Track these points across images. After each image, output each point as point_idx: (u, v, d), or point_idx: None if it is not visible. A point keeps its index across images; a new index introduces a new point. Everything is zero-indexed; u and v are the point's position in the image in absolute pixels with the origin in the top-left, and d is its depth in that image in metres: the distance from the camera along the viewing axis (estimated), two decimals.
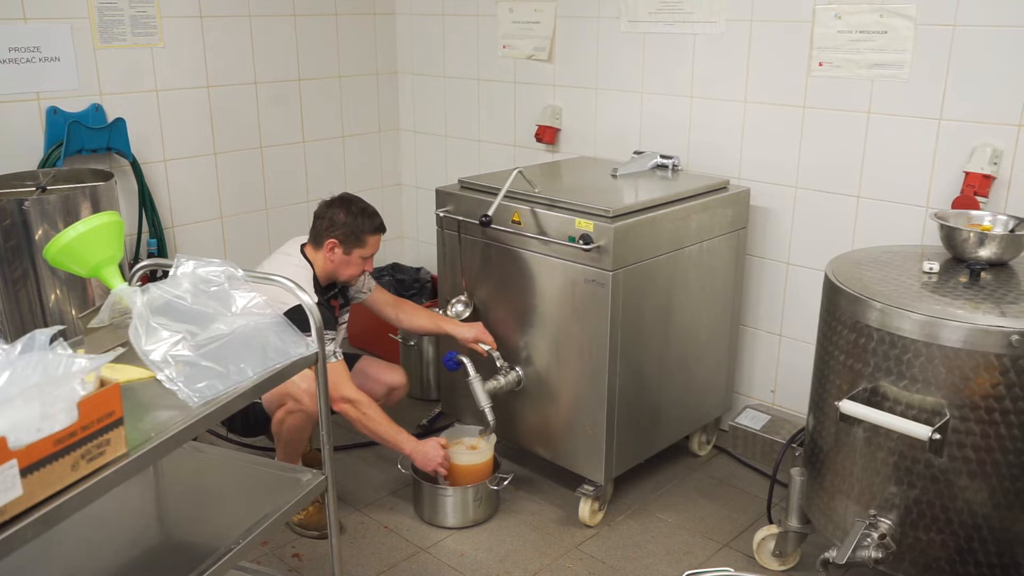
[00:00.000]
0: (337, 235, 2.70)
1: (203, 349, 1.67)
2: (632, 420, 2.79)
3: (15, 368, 1.35)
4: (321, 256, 2.73)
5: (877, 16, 2.70)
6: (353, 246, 2.71)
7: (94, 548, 1.79)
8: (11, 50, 3.01)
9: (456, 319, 2.93)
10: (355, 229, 2.70)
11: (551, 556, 2.69)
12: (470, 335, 2.87)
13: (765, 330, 3.22)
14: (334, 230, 2.70)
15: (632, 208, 2.65)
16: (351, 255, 2.72)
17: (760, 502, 2.89)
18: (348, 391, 2.63)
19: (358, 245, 2.72)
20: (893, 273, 2.25)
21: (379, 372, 2.99)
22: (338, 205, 2.74)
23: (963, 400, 1.96)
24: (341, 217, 2.70)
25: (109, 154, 3.27)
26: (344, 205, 2.73)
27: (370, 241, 2.74)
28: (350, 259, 2.73)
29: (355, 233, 2.70)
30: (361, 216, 2.72)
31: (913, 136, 2.71)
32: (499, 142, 3.90)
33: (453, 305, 2.94)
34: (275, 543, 2.73)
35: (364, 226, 2.71)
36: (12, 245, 2.77)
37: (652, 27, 3.24)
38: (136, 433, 1.47)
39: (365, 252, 2.74)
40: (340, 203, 2.74)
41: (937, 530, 2.06)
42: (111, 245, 1.88)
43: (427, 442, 2.77)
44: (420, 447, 2.75)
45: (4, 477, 1.20)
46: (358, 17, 4.04)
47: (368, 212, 2.75)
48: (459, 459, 2.83)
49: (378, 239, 2.77)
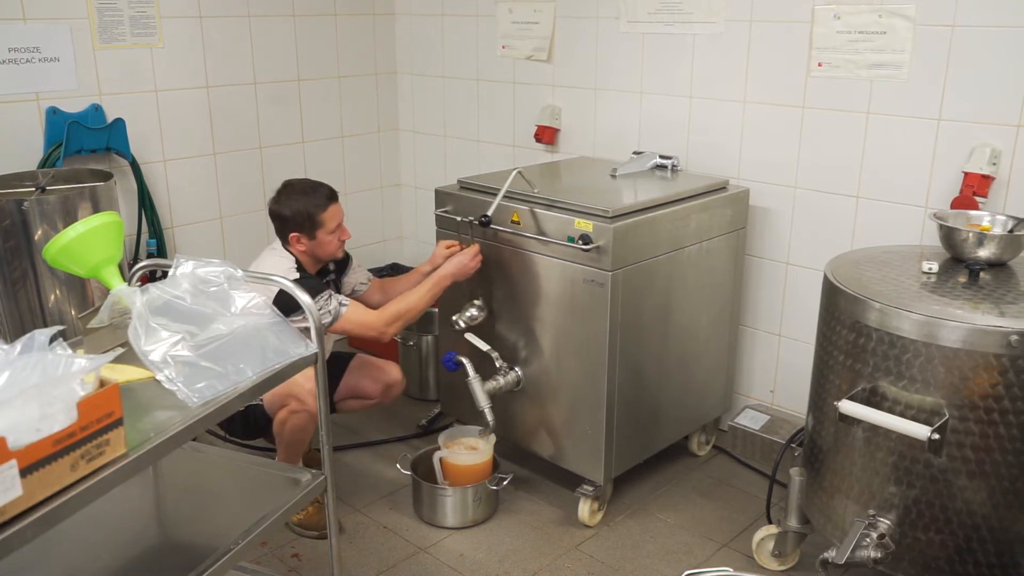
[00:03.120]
0: (294, 228, 2.69)
1: (202, 349, 1.67)
2: (631, 420, 2.80)
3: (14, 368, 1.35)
4: (295, 249, 2.74)
5: (876, 16, 2.70)
6: (316, 229, 2.70)
7: (93, 548, 1.79)
8: (11, 50, 3.01)
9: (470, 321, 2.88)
10: (305, 214, 2.68)
11: (550, 556, 2.69)
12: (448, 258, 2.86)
13: (764, 330, 3.22)
14: (288, 225, 2.70)
15: (631, 208, 2.65)
16: (316, 237, 2.71)
17: (759, 502, 2.89)
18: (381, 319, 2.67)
19: (319, 226, 2.70)
20: (892, 273, 2.25)
21: (375, 370, 2.99)
22: (281, 199, 2.72)
23: (962, 400, 1.96)
24: (288, 211, 2.69)
25: (108, 154, 3.27)
26: (286, 197, 2.71)
27: (325, 216, 2.70)
28: (319, 240, 2.72)
29: (308, 217, 2.68)
30: (304, 199, 2.69)
31: (912, 136, 2.71)
32: (498, 142, 3.90)
33: (467, 309, 2.89)
34: (274, 543, 2.73)
35: (311, 206, 2.68)
36: (11, 245, 2.77)
37: (651, 27, 3.24)
38: (135, 433, 1.47)
39: (330, 226, 2.71)
40: (282, 196, 2.72)
41: (936, 530, 2.06)
42: (110, 245, 1.88)
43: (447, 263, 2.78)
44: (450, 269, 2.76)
45: (3, 477, 1.20)
46: (357, 17, 4.04)
47: (307, 190, 2.71)
48: (458, 459, 2.83)
49: (335, 208, 2.72)
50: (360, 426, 3.44)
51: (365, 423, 3.45)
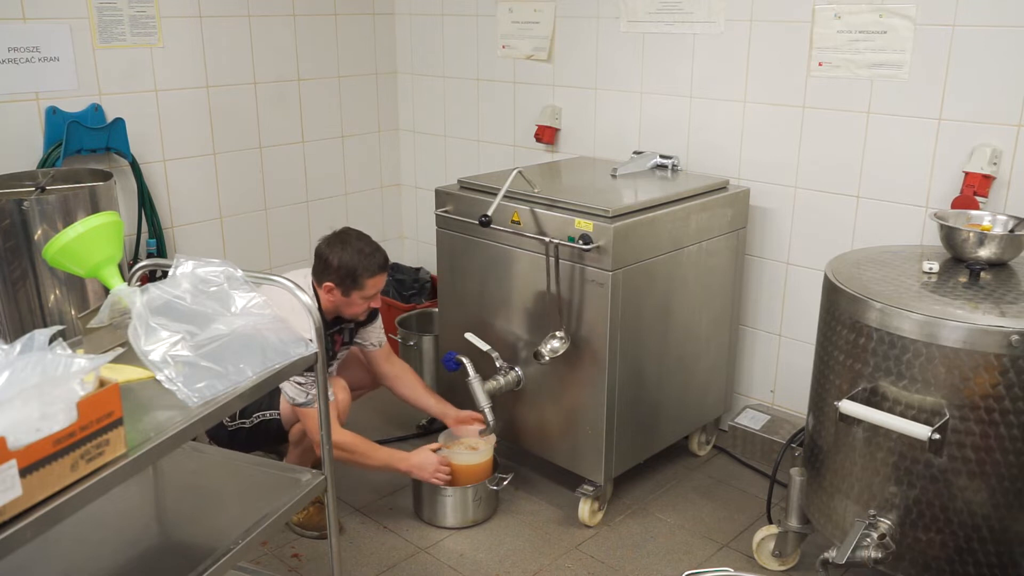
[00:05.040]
0: (333, 279, 2.58)
1: (202, 349, 1.67)
2: (632, 420, 2.79)
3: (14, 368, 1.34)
4: (322, 295, 2.63)
5: (876, 16, 2.70)
6: (351, 288, 2.59)
7: (93, 548, 1.79)
8: (10, 50, 3.00)
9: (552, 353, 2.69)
10: (351, 272, 2.57)
11: (551, 556, 2.69)
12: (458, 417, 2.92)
13: (765, 330, 3.22)
14: (329, 273, 2.58)
15: (632, 208, 2.65)
16: (351, 296, 2.61)
17: (759, 502, 2.89)
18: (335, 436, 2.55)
19: (356, 287, 2.59)
20: (893, 273, 2.25)
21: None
22: (335, 245, 2.60)
23: (963, 400, 1.96)
24: (335, 261, 2.57)
25: (108, 154, 3.26)
26: (341, 246, 2.59)
27: (369, 283, 2.60)
28: (351, 300, 2.62)
29: (351, 276, 2.57)
30: (358, 257, 2.57)
31: (913, 136, 2.71)
32: (498, 142, 3.90)
33: (548, 341, 2.69)
34: (274, 543, 2.73)
35: (361, 269, 2.57)
36: (11, 245, 2.77)
37: (651, 27, 3.24)
38: (135, 433, 1.47)
39: (365, 293, 2.61)
40: (337, 243, 2.60)
41: (937, 530, 2.06)
42: (110, 245, 1.88)
43: (418, 453, 2.77)
44: (414, 460, 2.75)
45: (3, 477, 1.20)
46: (357, 17, 4.04)
47: (365, 252, 2.59)
48: (458, 459, 2.83)
49: (379, 279, 2.63)
50: (360, 426, 3.43)
51: (364, 423, 3.45)
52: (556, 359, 2.71)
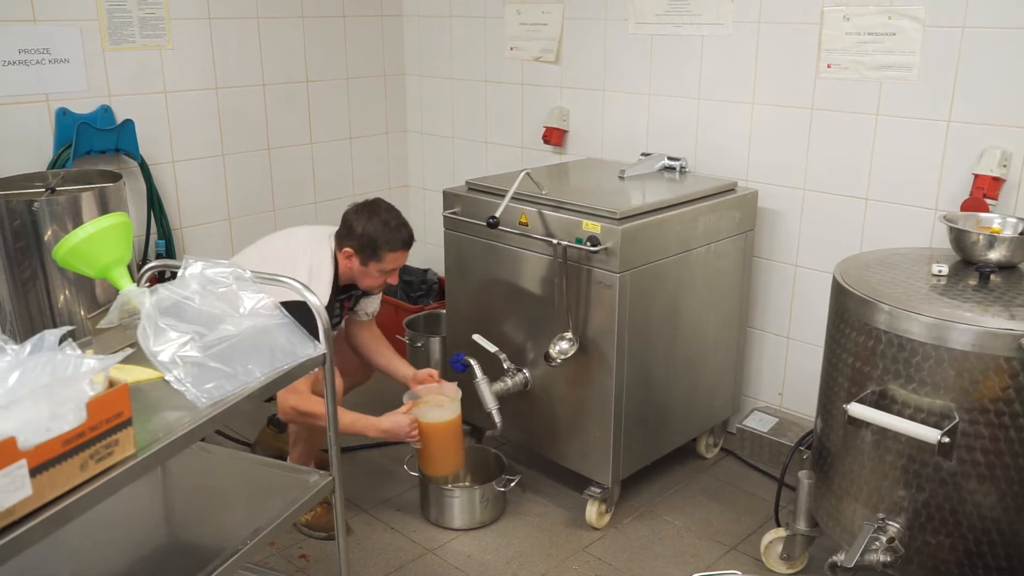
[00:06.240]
0: (353, 245, 2.57)
1: (211, 350, 1.68)
2: (639, 422, 2.79)
3: (25, 368, 1.35)
4: (341, 259, 2.62)
5: (885, 18, 2.69)
6: (369, 259, 2.58)
7: (101, 548, 1.80)
8: (21, 52, 3.02)
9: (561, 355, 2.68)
10: (372, 243, 2.55)
11: (558, 558, 2.69)
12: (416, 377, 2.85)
13: (773, 332, 3.21)
14: (351, 239, 2.57)
15: (640, 210, 2.65)
16: (367, 267, 2.59)
17: (767, 505, 2.88)
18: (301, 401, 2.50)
19: (374, 259, 2.58)
20: (902, 276, 2.24)
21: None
22: (363, 213, 2.58)
23: (972, 403, 1.95)
24: (359, 228, 2.55)
25: (118, 155, 3.28)
26: (368, 214, 2.57)
27: (389, 257, 2.58)
28: (367, 270, 2.60)
29: (372, 246, 2.56)
30: (382, 229, 2.55)
31: (922, 138, 2.70)
32: (506, 144, 3.90)
33: (557, 343, 2.69)
34: (282, 544, 2.73)
35: (382, 241, 2.55)
36: (21, 246, 2.78)
37: (660, 29, 3.24)
38: (144, 434, 1.47)
39: (384, 267, 2.60)
40: (365, 211, 2.59)
41: (946, 534, 2.05)
42: (120, 246, 1.88)
43: (388, 417, 2.65)
44: (386, 425, 2.64)
45: (13, 477, 1.20)
46: (365, 19, 4.05)
47: (391, 226, 2.57)
48: (428, 417, 2.70)
49: (400, 256, 2.60)
50: None
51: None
52: (564, 361, 2.70)
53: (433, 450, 2.74)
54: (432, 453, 2.75)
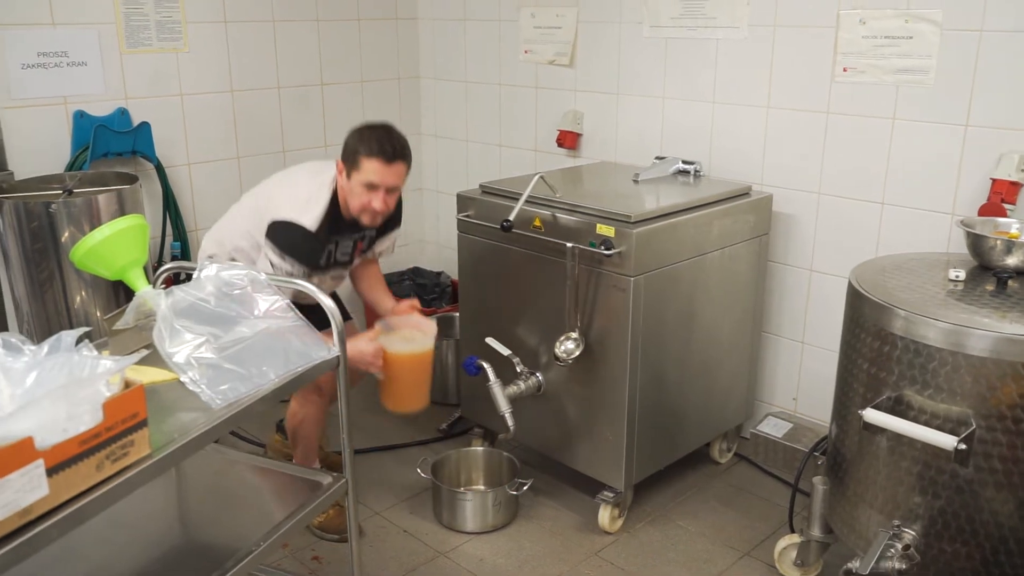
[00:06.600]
0: (342, 155, 2.48)
1: (226, 352, 1.69)
2: (653, 426, 2.78)
3: (42, 369, 1.36)
4: (339, 180, 2.51)
5: (902, 21, 2.68)
6: (351, 169, 2.45)
7: (115, 549, 1.81)
8: (40, 55, 3.05)
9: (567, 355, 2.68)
10: (353, 150, 2.43)
11: (570, 562, 2.68)
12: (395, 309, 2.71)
13: (787, 337, 3.20)
14: (342, 152, 2.50)
15: (654, 213, 2.64)
16: (351, 180, 2.46)
17: (781, 511, 2.87)
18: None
19: (355, 168, 2.44)
20: (918, 281, 2.23)
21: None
22: (361, 126, 2.49)
23: (989, 410, 1.93)
24: (349, 137, 2.46)
25: (134, 157, 3.30)
26: (362, 126, 2.48)
27: (366, 166, 2.42)
28: (351, 186, 2.47)
29: (353, 154, 2.43)
30: (367, 135, 2.44)
31: (938, 142, 2.68)
32: (520, 147, 3.90)
33: (563, 342, 2.69)
34: (294, 546, 2.74)
35: (362, 147, 2.42)
36: (39, 247, 2.80)
37: (674, 32, 3.23)
38: (159, 435, 1.48)
39: (362, 178, 2.44)
40: (364, 125, 2.50)
41: (962, 541, 2.04)
42: (136, 248, 1.90)
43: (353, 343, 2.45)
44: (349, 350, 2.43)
45: (31, 477, 1.21)
46: (380, 22, 4.06)
47: (376, 136, 2.43)
48: (392, 347, 2.53)
49: (379, 166, 2.42)
50: (380, 429, 3.45)
51: (385, 426, 3.46)
52: (577, 364, 2.70)
53: (395, 384, 2.57)
54: (393, 387, 2.58)
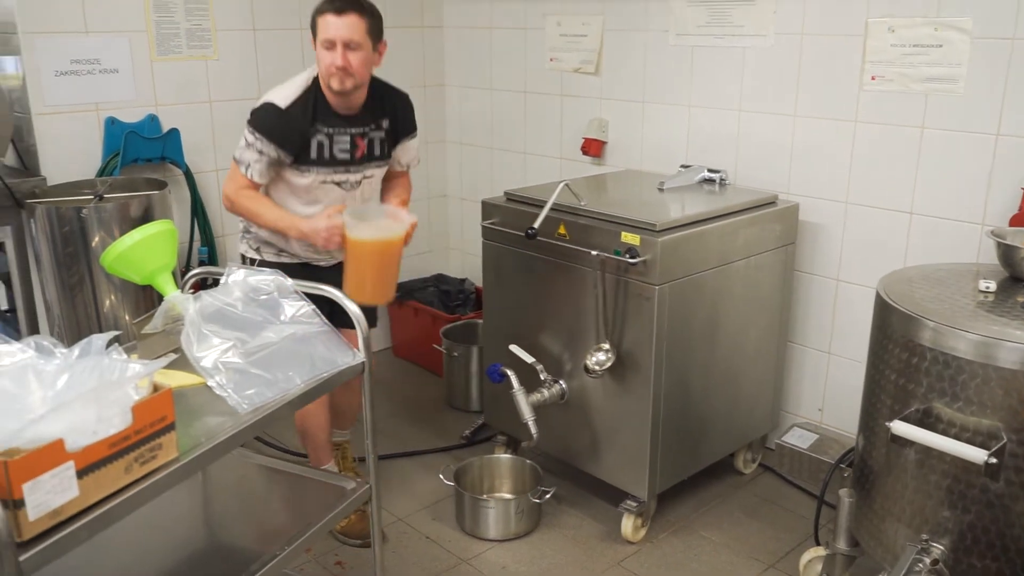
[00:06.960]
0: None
1: (252, 357, 1.70)
2: (677, 436, 2.77)
3: (73, 372, 1.38)
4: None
5: (932, 29, 2.65)
6: (313, 38, 2.42)
7: (141, 551, 1.82)
8: (73, 62, 3.10)
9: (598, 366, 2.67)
10: (312, 16, 2.41)
11: (592, 572, 2.67)
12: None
13: (814, 347, 3.17)
14: None
15: (679, 222, 2.63)
16: (317, 50, 2.42)
17: (806, 523, 2.84)
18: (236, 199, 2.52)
19: (314, 34, 2.42)
20: (947, 291, 2.20)
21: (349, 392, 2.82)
22: None
23: (1021, 423, 1.90)
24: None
25: (163, 164, 3.34)
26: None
27: (320, 24, 2.38)
28: (317, 54, 2.43)
29: (311, 20, 2.41)
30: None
31: (968, 151, 2.65)
32: (545, 155, 3.90)
33: (595, 353, 2.67)
34: (318, 551, 2.75)
35: (316, 10, 2.41)
36: (70, 251, 2.85)
37: (701, 40, 3.22)
38: (186, 438, 1.50)
39: (320, 37, 2.40)
40: None
41: (992, 557, 2.00)
42: (165, 253, 1.92)
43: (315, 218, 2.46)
44: (306, 227, 2.45)
45: (61, 478, 1.23)
46: (406, 30, 4.09)
47: None
48: (354, 231, 2.41)
49: (330, 19, 2.37)
50: (404, 436, 3.46)
51: (409, 433, 3.47)
52: (602, 372, 2.69)
53: (353, 270, 2.45)
54: (351, 273, 2.45)
